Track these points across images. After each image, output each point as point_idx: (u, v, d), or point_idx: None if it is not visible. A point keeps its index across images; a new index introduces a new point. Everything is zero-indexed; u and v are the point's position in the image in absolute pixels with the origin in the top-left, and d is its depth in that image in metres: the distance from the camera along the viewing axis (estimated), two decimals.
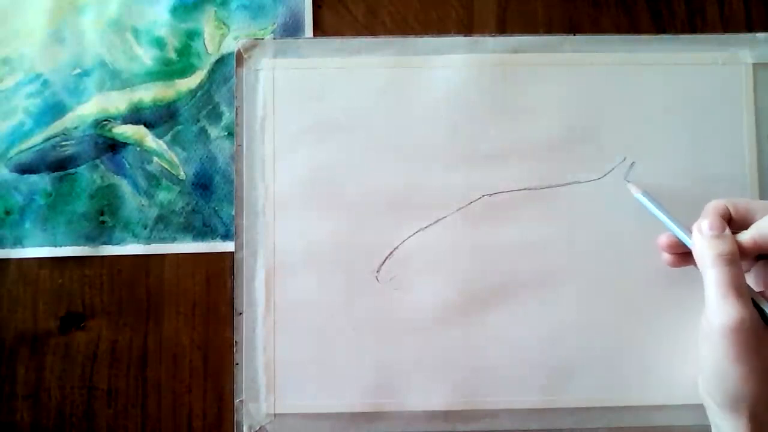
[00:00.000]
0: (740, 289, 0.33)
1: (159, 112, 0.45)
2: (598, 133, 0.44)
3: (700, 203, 0.43)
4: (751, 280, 0.37)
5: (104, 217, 0.44)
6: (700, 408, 0.37)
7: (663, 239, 0.38)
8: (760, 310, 0.34)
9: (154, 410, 0.43)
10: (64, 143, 0.45)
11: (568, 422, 0.42)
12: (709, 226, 0.36)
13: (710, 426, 0.37)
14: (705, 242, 0.35)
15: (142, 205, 0.44)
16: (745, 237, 0.35)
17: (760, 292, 0.35)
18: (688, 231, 0.37)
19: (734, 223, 0.36)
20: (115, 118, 0.45)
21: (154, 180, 0.45)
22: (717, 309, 0.33)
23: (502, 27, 0.46)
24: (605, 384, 0.42)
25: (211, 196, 0.45)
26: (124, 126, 0.45)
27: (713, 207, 0.37)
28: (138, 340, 0.44)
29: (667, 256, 0.39)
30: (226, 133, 0.45)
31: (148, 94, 0.45)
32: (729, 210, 0.36)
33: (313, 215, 0.43)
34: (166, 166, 0.45)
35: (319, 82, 0.44)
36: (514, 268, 0.43)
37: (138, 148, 0.45)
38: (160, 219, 0.44)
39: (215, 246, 0.44)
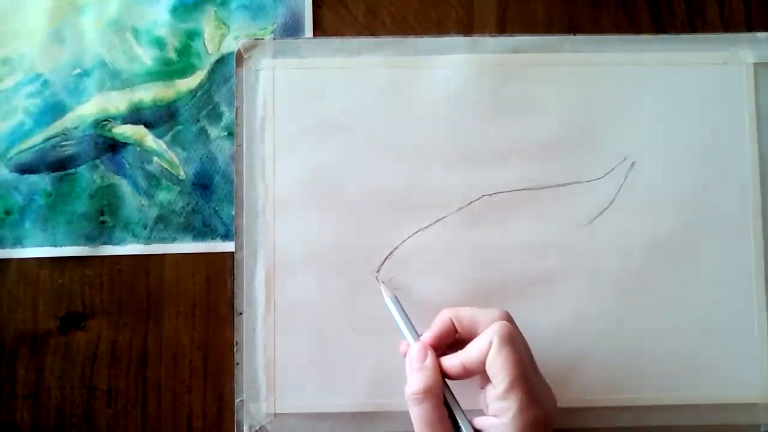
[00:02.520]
0: (434, 425, 0.33)
1: (159, 112, 0.45)
2: (598, 132, 0.44)
3: (700, 204, 0.43)
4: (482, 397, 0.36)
5: (104, 217, 0.44)
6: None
7: (402, 348, 0.37)
8: None
9: (154, 410, 0.43)
10: (64, 143, 0.45)
11: (568, 422, 0.42)
12: (414, 356, 0.35)
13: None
14: (408, 375, 0.35)
15: (142, 205, 0.44)
16: (455, 361, 0.34)
17: (473, 419, 0.34)
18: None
19: (461, 335, 0.35)
20: (115, 118, 0.45)
21: (154, 180, 0.45)
22: None
23: (502, 27, 0.46)
24: (605, 383, 0.42)
25: (211, 196, 0.45)
26: (124, 126, 0.45)
27: (437, 321, 0.36)
28: (138, 340, 0.44)
29: None
30: (226, 133, 0.45)
31: (148, 94, 0.45)
32: (453, 322, 0.35)
33: (313, 215, 0.43)
34: (166, 166, 0.45)
35: (319, 82, 0.44)
36: (514, 268, 0.43)
37: (138, 148, 0.45)
38: (160, 219, 0.44)
39: (215, 246, 0.44)
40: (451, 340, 0.36)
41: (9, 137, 0.45)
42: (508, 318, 0.35)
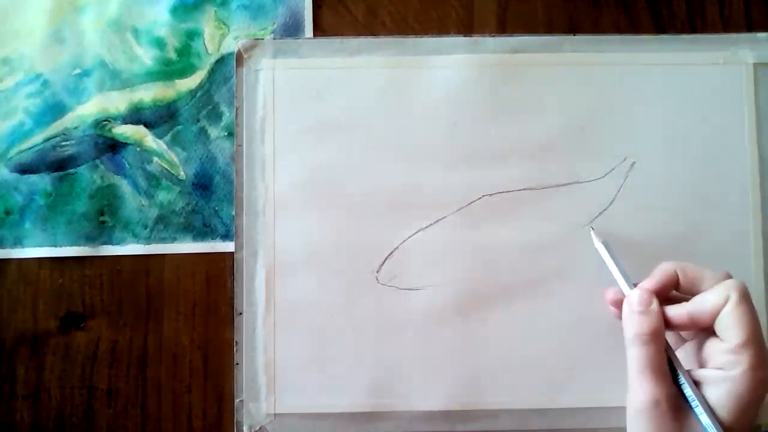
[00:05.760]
0: (657, 369, 0.33)
1: (159, 112, 0.45)
2: (598, 133, 0.44)
3: (700, 204, 0.43)
4: (686, 353, 0.36)
5: (104, 217, 0.44)
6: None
7: (610, 295, 0.37)
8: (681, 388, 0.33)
9: (154, 410, 0.43)
10: (64, 143, 0.45)
11: (568, 422, 0.42)
12: (637, 300, 0.35)
13: None
14: (628, 317, 0.34)
15: (142, 205, 0.44)
16: (682, 311, 0.34)
17: (688, 370, 0.34)
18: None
19: (682, 288, 0.35)
20: (115, 118, 0.45)
21: (154, 180, 0.45)
22: (632, 387, 0.33)
23: (502, 27, 0.46)
24: (605, 384, 0.42)
25: (211, 196, 0.45)
26: (124, 126, 0.45)
27: (660, 271, 0.35)
28: (138, 340, 0.44)
29: (613, 310, 0.38)
30: (226, 133, 0.45)
31: (148, 94, 0.45)
32: (678, 275, 0.35)
33: (313, 215, 0.43)
34: (166, 166, 0.45)
35: (319, 82, 0.44)
36: (514, 268, 0.43)
37: (138, 148, 0.45)
38: (160, 219, 0.44)
39: (215, 246, 0.44)
40: (669, 293, 0.35)
41: (9, 137, 0.45)
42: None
